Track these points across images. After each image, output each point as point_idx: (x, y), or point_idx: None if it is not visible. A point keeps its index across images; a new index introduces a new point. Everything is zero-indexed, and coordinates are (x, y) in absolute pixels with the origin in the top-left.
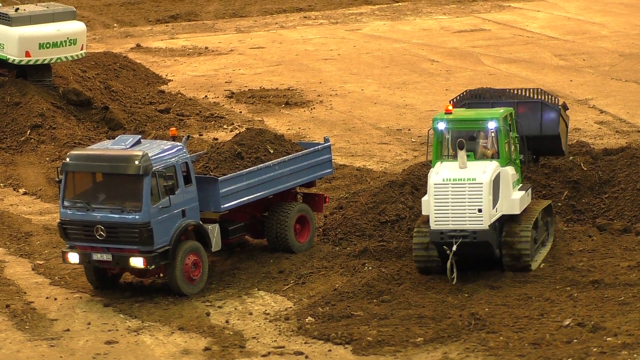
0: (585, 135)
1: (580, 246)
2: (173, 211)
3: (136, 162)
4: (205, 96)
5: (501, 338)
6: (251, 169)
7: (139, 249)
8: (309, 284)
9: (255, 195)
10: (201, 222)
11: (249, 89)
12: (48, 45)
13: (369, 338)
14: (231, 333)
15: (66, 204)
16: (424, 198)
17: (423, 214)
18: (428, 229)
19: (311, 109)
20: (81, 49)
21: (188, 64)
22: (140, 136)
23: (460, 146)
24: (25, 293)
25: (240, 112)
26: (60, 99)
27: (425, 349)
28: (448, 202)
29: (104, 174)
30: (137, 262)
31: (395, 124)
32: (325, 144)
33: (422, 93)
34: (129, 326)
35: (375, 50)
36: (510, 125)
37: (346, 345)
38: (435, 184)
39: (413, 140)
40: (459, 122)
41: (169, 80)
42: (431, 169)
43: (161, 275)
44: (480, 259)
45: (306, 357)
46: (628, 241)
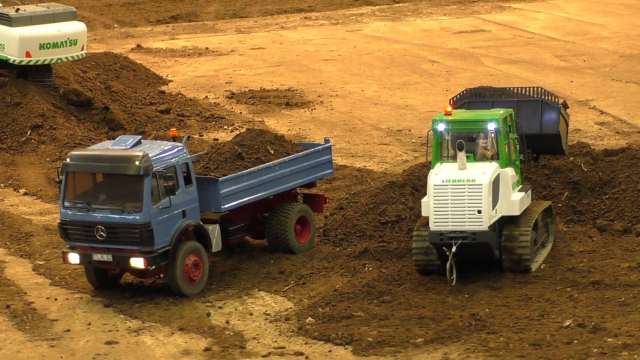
0: (585, 136)
1: (580, 247)
2: (173, 212)
3: (137, 163)
4: (206, 97)
5: (501, 339)
6: (251, 169)
7: (139, 249)
8: (310, 285)
9: (255, 195)
10: (201, 223)
11: (250, 90)
12: (48, 45)
13: (369, 339)
14: (231, 333)
15: (66, 204)
16: (424, 199)
17: (422, 215)
18: (427, 233)
19: (311, 110)
20: (82, 50)
21: (188, 64)
22: (140, 137)
23: (460, 147)
24: (25, 293)
25: (241, 113)
26: (60, 100)
27: (425, 349)
28: (447, 204)
29: (104, 174)
30: (138, 263)
31: (395, 125)
32: (326, 145)
33: (423, 94)
34: (130, 327)
35: (375, 51)
36: (510, 126)
37: (346, 346)
38: (434, 185)
39: (413, 141)
40: (459, 123)
41: (170, 81)
42: (431, 170)
43: (161, 275)
44: (480, 260)
45: (306, 358)
46: (628, 242)
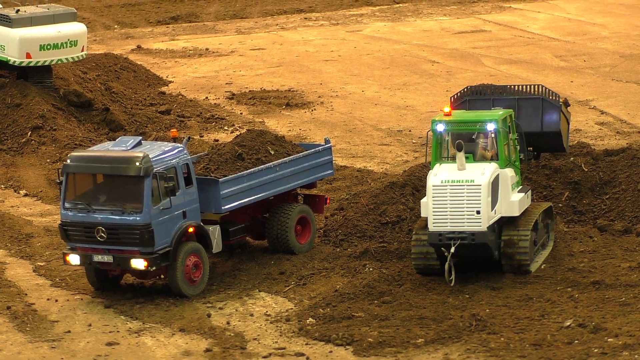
0: (586, 136)
1: (581, 247)
2: (174, 212)
3: (137, 164)
4: (206, 97)
5: (502, 339)
6: (252, 170)
7: (139, 250)
8: (310, 285)
9: (256, 196)
10: (202, 224)
11: (250, 90)
12: (49, 46)
13: (370, 339)
14: (232, 334)
15: (67, 205)
16: (423, 200)
17: (422, 215)
18: (426, 236)
19: (312, 110)
20: (82, 51)
21: (189, 65)
22: (141, 137)
23: (459, 148)
24: (26, 295)
25: (241, 114)
26: (60, 101)
27: (426, 350)
28: (446, 204)
29: (104, 175)
30: (138, 264)
31: (395, 125)
32: (326, 145)
33: (423, 94)
34: (130, 328)
35: (375, 51)
36: (510, 126)
37: (347, 347)
38: (433, 186)
39: (414, 141)
40: (458, 124)
41: (170, 82)
42: (430, 170)
43: (162, 276)
44: (479, 260)
45: (307, 359)
46: (629, 242)
